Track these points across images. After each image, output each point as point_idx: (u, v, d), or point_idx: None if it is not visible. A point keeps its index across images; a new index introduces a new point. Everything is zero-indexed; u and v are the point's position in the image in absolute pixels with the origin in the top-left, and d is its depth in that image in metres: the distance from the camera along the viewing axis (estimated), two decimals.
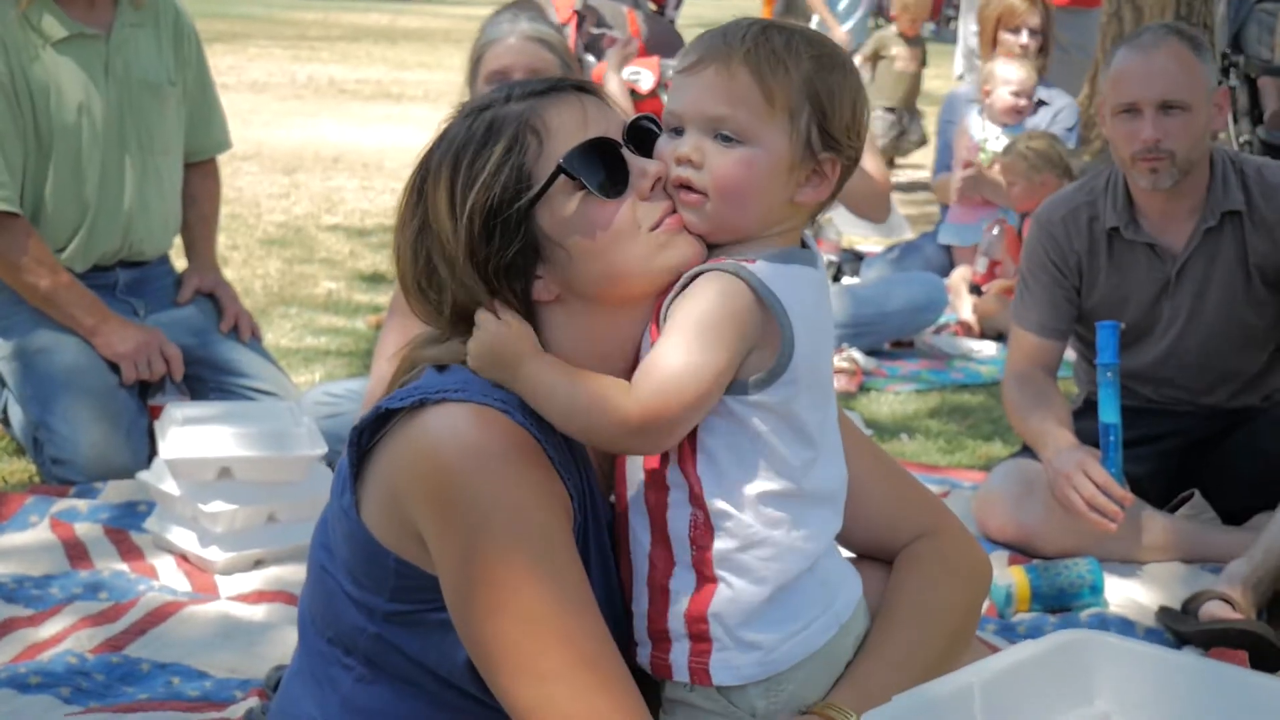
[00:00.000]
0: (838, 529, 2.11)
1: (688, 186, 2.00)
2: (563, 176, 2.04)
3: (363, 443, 2.11)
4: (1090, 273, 3.98)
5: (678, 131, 2.02)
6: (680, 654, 2.02)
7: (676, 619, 2.01)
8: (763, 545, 1.98)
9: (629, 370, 2.09)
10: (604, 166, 2.05)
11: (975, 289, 6.62)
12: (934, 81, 16.95)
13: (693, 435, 1.99)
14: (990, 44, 7.38)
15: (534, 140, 2.05)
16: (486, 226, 2.05)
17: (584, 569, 2.03)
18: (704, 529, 1.99)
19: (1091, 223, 3.97)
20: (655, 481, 2.03)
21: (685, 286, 1.99)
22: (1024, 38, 7.24)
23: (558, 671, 1.96)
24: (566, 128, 2.07)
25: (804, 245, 2.07)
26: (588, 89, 2.14)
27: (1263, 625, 3.32)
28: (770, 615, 1.99)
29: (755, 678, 2.00)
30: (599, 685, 1.96)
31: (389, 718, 2.19)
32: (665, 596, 2.01)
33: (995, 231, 6.55)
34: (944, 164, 7.45)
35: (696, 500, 1.99)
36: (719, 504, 1.98)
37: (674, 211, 2.07)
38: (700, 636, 2.00)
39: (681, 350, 1.92)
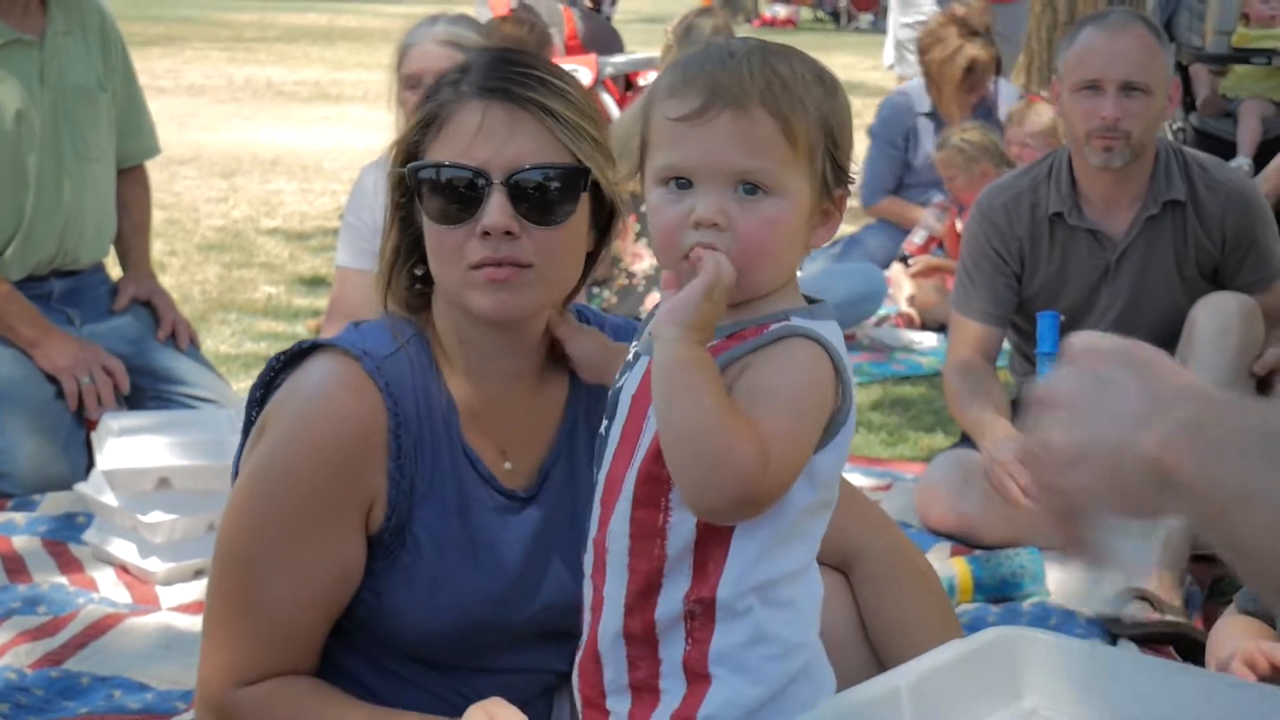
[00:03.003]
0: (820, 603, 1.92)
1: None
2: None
3: (266, 400, 2.24)
4: (1032, 259, 4.01)
5: (681, 183, 1.78)
6: None
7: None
8: (768, 641, 1.80)
9: (492, 376, 2.20)
10: (442, 194, 2.12)
11: (905, 258, 6.65)
12: (870, 74, 17.05)
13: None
14: (952, 97, 6.93)
15: (435, 131, 2.15)
16: (397, 171, 2.18)
17: (332, 557, 2.16)
18: (704, 620, 1.80)
19: (1034, 209, 4.01)
20: (647, 565, 1.82)
21: (751, 346, 1.79)
22: (990, 87, 6.96)
23: (225, 590, 2.19)
24: (456, 136, 2.13)
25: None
26: (533, 106, 2.12)
27: (1180, 623, 3.36)
28: None
29: None
30: (242, 628, 2.17)
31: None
32: (654, 698, 1.83)
33: (939, 209, 6.60)
34: (881, 182, 7.04)
35: (704, 589, 1.79)
36: (732, 595, 1.79)
37: (499, 264, 2.10)
38: None
39: (790, 421, 1.72)
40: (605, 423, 1.91)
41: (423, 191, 2.13)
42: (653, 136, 1.82)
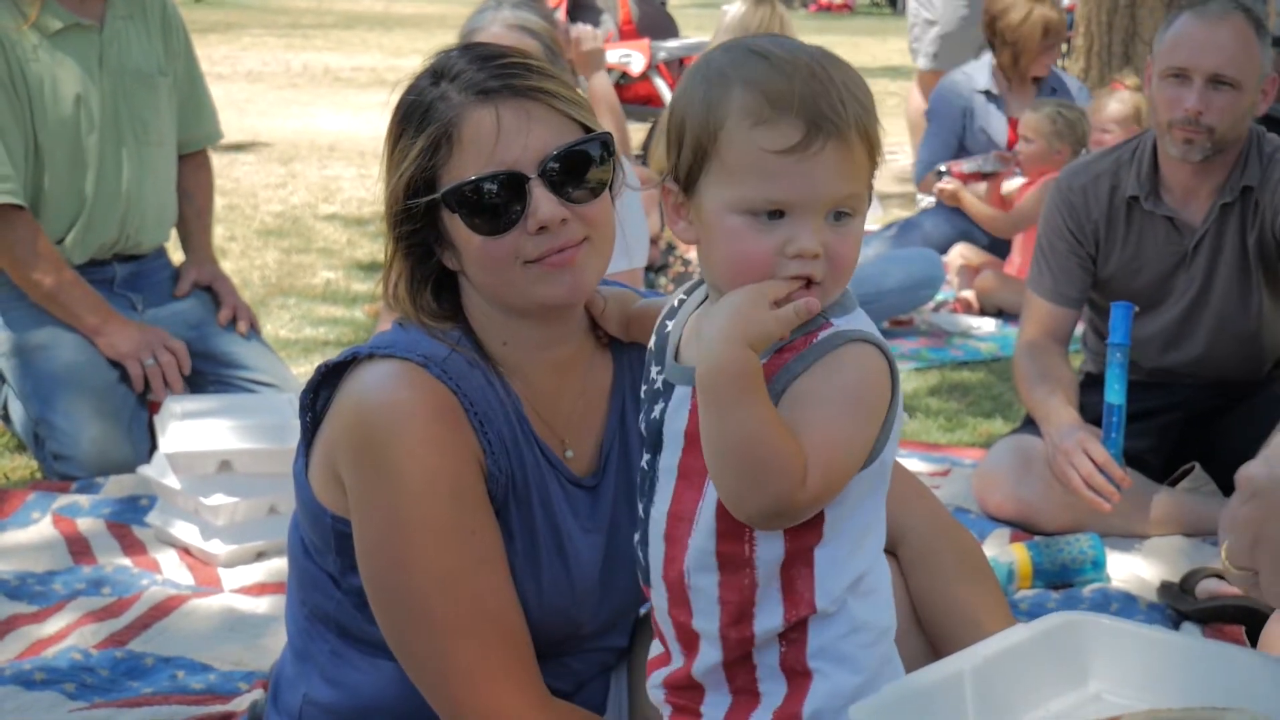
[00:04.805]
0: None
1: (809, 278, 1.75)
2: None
3: (317, 407, 2.21)
4: (1107, 242, 3.97)
5: (774, 214, 1.73)
6: None
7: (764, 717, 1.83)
8: (864, 629, 1.82)
9: (542, 370, 2.19)
10: (484, 207, 2.10)
11: (941, 173, 6.66)
12: (894, 56, 16.97)
13: (816, 529, 1.79)
14: (1033, 58, 6.98)
15: (446, 149, 2.12)
16: (403, 202, 2.15)
17: (496, 526, 2.12)
18: (799, 626, 1.80)
19: (1112, 192, 3.95)
20: (738, 596, 1.81)
21: (806, 360, 1.76)
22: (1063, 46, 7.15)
23: (456, 625, 2.07)
24: (475, 146, 2.11)
25: None
26: (538, 94, 2.14)
27: (1253, 600, 3.33)
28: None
29: None
30: (497, 641, 2.07)
31: (363, 687, 2.27)
32: (754, 699, 1.83)
33: (1002, 158, 6.58)
34: (934, 158, 7.05)
35: (801, 607, 1.80)
36: (829, 603, 1.79)
37: (560, 250, 2.10)
38: None
39: (838, 430, 1.71)
40: (647, 455, 1.88)
41: (459, 212, 2.11)
42: (734, 159, 1.74)
